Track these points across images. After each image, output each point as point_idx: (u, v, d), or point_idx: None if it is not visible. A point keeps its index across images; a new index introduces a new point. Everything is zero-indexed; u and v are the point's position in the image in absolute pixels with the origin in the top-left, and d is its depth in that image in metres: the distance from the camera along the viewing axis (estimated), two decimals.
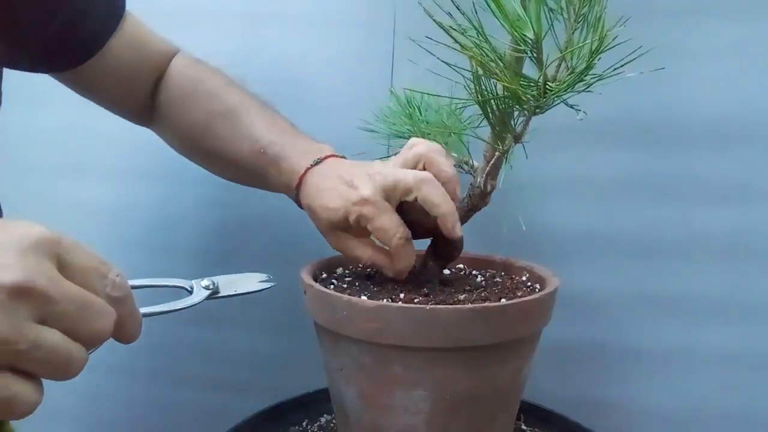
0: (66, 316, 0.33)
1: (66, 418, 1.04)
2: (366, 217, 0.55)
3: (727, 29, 0.72)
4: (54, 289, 0.33)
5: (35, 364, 0.33)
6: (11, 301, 0.31)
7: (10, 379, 0.33)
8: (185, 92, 0.70)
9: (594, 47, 0.42)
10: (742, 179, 0.74)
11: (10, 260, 0.32)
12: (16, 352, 0.32)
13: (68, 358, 0.34)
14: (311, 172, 0.60)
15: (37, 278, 0.32)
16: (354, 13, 0.83)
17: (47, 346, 0.33)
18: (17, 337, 0.32)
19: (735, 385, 0.77)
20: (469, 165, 0.64)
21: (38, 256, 0.33)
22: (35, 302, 0.32)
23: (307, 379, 0.73)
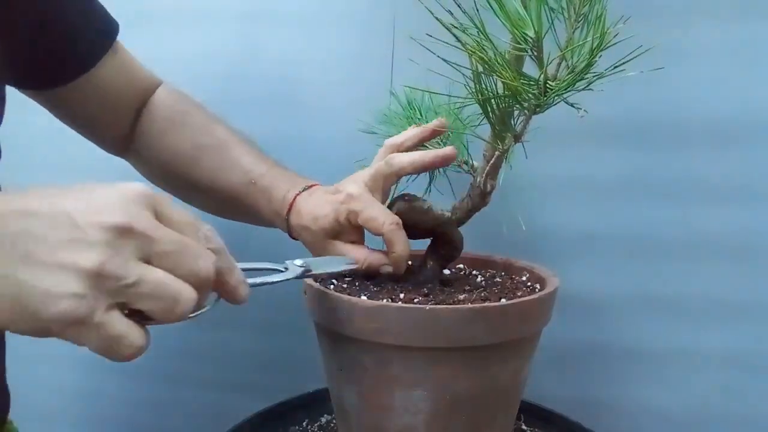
0: (167, 255, 0.36)
1: (66, 418, 1.04)
2: (354, 211, 0.57)
3: (727, 29, 0.72)
4: (154, 231, 0.36)
5: (144, 299, 0.35)
6: (117, 240, 0.34)
7: (118, 317, 0.35)
8: (172, 123, 0.70)
9: (594, 45, 0.42)
10: (742, 179, 0.73)
11: (114, 206, 0.35)
12: (125, 287, 0.34)
13: (175, 294, 0.36)
14: (301, 196, 0.63)
15: (138, 220, 0.35)
16: (354, 13, 0.83)
17: (153, 280, 0.35)
18: (125, 272, 0.34)
19: (735, 386, 0.77)
20: (468, 165, 0.63)
21: (138, 205, 0.36)
22: (138, 242, 0.35)
23: (307, 379, 0.73)
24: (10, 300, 0.34)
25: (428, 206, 0.59)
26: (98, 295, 0.34)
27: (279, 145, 0.88)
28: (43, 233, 0.34)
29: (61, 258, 0.34)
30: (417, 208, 0.59)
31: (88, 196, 0.36)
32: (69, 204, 0.35)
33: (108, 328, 0.35)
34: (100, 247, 0.34)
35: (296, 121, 0.87)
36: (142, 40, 0.90)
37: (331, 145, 0.84)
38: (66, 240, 0.34)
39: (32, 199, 0.36)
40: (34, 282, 0.34)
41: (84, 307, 0.34)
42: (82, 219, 0.35)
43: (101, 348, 0.36)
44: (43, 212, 0.35)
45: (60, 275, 0.34)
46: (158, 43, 0.90)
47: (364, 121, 0.69)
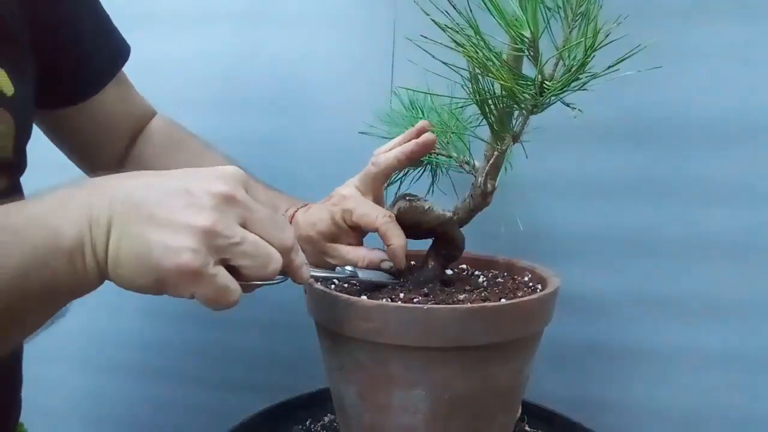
0: (260, 222, 0.42)
1: (70, 416, 1.05)
2: (348, 210, 0.59)
3: (726, 29, 0.72)
4: (251, 201, 0.42)
5: (243, 257, 0.41)
6: (223, 205, 0.40)
7: (224, 271, 0.41)
8: (169, 149, 0.73)
9: (589, 44, 0.42)
10: (742, 179, 0.73)
11: (218, 179, 0.41)
12: (231, 245, 0.40)
13: (268, 255, 0.42)
14: (299, 211, 0.65)
15: (239, 191, 0.42)
16: (354, 13, 0.84)
17: (252, 241, 0.41)
18: (232, 232, 0.40)
19: (736, 385, 0.76)
20: (470, 165, 0.64)
21: (236, 181, 0.42)
22: (238, 208, 0.41)
23: (310, 378, 0.73)
24: (136, 255, 0.39)
25: (429, 206, 0.59)
26: (210, 250, 0.40)
27: (280, 145, 0.89)
28: (163, 199, 0.40)
29: (180, 218, 0.39)
30: (418, 208, 0.59)
31: (195, 172, 0.43)
32: (182, 178, 0.42)
33: (218, 279, 0.40)
34: (211, 210, 0.40)
35: (297, 121, 0.88)
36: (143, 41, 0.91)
37: (331, 145, 0.85)
38: (183, 204, 0.40)
39: (145, 178, 0.42)
40: (157, 238, 0.39)
41: (199, 259, 0.39)
42: (195, 187, 0.41)
43: (210, 296, 0.41)
44: (162, 185, 0.41)
45: (179, 233, 0.39)
46: (159, 44, 0.91)
47: (365, 122, 0.70)
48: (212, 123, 0.90)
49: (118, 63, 0.69)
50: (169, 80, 0.92)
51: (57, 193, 0.41)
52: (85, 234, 0.39)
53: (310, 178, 0.72)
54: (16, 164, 0.57)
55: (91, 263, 0.40)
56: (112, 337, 0.99)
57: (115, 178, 0.43)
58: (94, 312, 0.95)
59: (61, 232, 0.39)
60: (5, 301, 0.39)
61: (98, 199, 0.40)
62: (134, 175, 0.43)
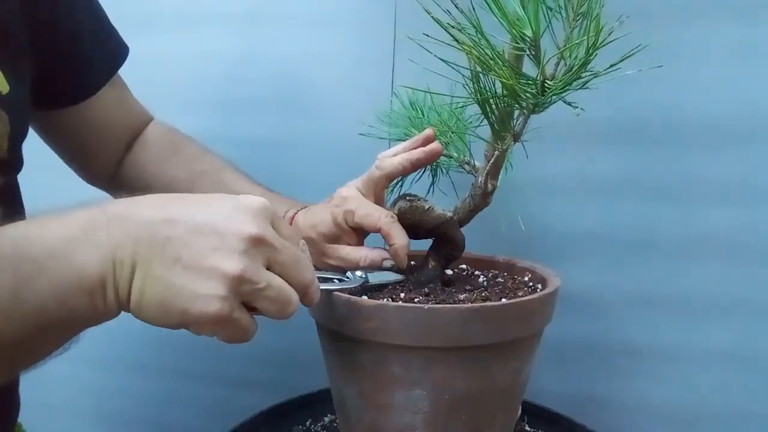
0: (284, 264, 0.42)
1: (72, 413, 1.05)
2: (350, 210, 0.59)
3: (727, 29, 0.72)
4: (278, 242, 0.41)
5: (266, 301, 0.41)
6: (251, 249, 0.39)
7: (245, 313, 0.41)
8: (167, 153, 0.72)
9: (591, 43, 0.42)
10: (742, 179, 0.73)
11: (248, 218, 0.40)
12: (256, 290, 0.40)
13: (288, 298, 0.42)
14: (299, 213, 0.65)
15: (267, 232, 0.41)
16: (354, 13, 0.84)
17: (276, 286, 0.41)
18: (258, 277, 0.40)
19: (735, 383, 0.76)
20: (470, 165, 0.63)
21: (263, 218, 0.41)
22: (266, 251, 0.40)
23: (312, 377, 0.73)
24: (161, 299, 0.39)
25: (430, 206, 0.59)
26: (236, 296, 0.39)
27: (280, 145, 0.89)
28: (189, 240, 0.39)
29: (208, 263, 0.38)
30: (419, 208, 0.59)
31: (223, 206, 0.41)
32: (208, 214, 0.40)
33: (241, 322, 0.41)
34: (240, 255, 0.39)
35: (298, 121, 0.88)
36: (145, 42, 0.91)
37: (333, 145, 0.85)
38: (211, 247, 0.39)
39: (170, 208, 0.40)
40: (184, 284, 0.38)
41: (227, 307, 0.39)
42: (224, 228, 0.39)
43: (230, 338, 0.42)
44: (188, 221, 0.39)
45: (208, 280, 0.38)
46: (160, 45, 0.91)
47: (365, 122, 0.70)
48: (213, 123, 0.90)
49: (114, 65, 0.68)
50: (170, 80, 0.92)
51: (74, 219, 0.39)
52: (108, 274, 0.38)
53: (311, 177, 0.72)
54: (10, 163, 0.57)
55: (112, 301, 0.39)
56: (115, 334, 0.99)
57: (138, 205, 0.41)
58: None
59: (83, 270, 0.38)
60: (21, 333, 0.38)
61: (122, 236, 0.39)
62: (159, 203, 0.41)
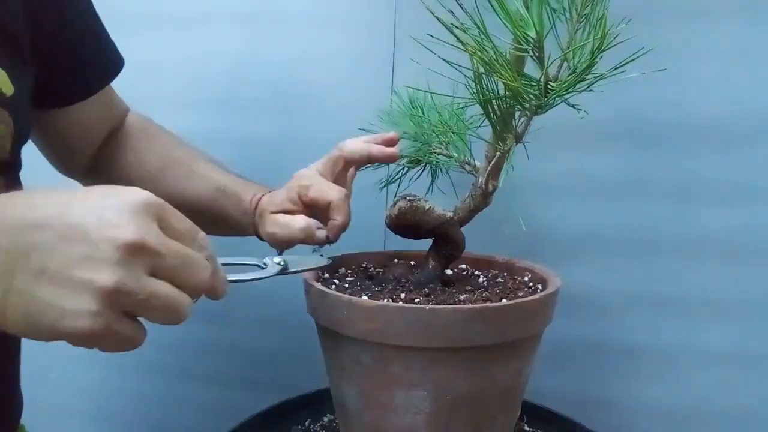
0: (172, 269, 0.37)
1: (73, 413, 1.05)
2: (305, 186, 0.60)
3: (727, 30, 0.72)
4: (162, 246, 0.37)
5: (151, 311, 0.37)
6: (129, 257, 0.35)
7: (128, 323, 0.37)
8: (141, 142, 0.72)
9: (596, 46, 0.42)
10: (742, 179, 0.73)
11: (124, 220, 0.35)
12: (137, 302, 0.36)
13: (178, 305, 0.38)
14: (265, 196, 0.65)
15: (147, 236, 0.36)
16: (355, 13, 0.84)
17: (162, 295, 0.37)
18: (139, 288, 0.36)
19: (734, 383, 0.77)
20: (471, 165, 0.63)
21: (147, 217, 0.37)
22: (147, 257, 0.36)
23: (312, 377, 0.73)
24: (24, 313, 0.35)
25: (430, 206, 0.59)
26: (112, 310, 0.36)
27: (281, 145, 0.88)
28: (56, 248, 0.35)
29: (77, 275, 0.34)
30: (419, 208, 0.59)
31: (98, 206, 0.36)
32: (80, 216, 0.35)
33: (121, 335, 0.37)
34: (115, 265, 0.35)
35: (298, 121, 0.87)
36: (145, 42, 0.91)
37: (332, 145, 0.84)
38: (80, 256, 0.34)
39: (41, 209, 0.36)
40: (50, 299, 0.35)
41: (100, 322, 0.35)
42: (96, 234, 0.35)
43: (112, 349, 0.38)
44: (55, 225, 0.35)
45: (77, 294, 0.34)
46: (161, 45, 0.91)
47: (366, 121, 0.70)
48: (214, 123, 0.90)
49: (111, 74, 0.68)
50: (171, 81, 0.91)
51: None
52: None
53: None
54: (12, 164, 0.57)
55: None
56: None
57: (7, 204, 0.36)
58: None
59: None
60: None
61: None
62: (29, 203, 0.36)
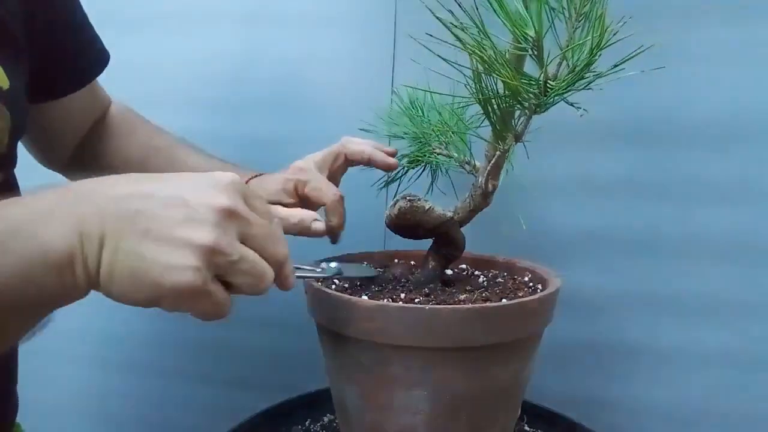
0: (258, 238, 0.40)
1: (72, 413, 1.05)
2: (302, 181, 0.62)
3: (727, 30, 0.72)
4: (250, 215, 0.40)
5: (240, 275, 0.40)
6: (224, 221, 0.38)
7: (220, 287, 0.40)
8: (124, 132, 0.73)
9: (594, 44, 0.42)
10: (742, 179, 0.73)
11: (218, 191, 0.39)
12: (229, 263, 0.39)
13: (263, 272, 0.41)
14: (252, 180, 0.66)
15: (239, 205, 0.40)
16: (355, 13, 0.84)
17: (250, 259, 0.40)
18: (232, 249, 0.39)
19: (734, 383, 0.77)
20: (470, 165, 0.63)
21: (235, 190, 0.40)
22: (238, 224, 0.39)
23: (312, 377, 0.73)
24: (131, 272, 0.37)
25: (430, 206, 0.59)
26: (209, 268, 0.38)
27: (281, 145, 0.88)
28: (160, 212, 0.38)
29: (179, 234, 0.37)
30: (419, 208, 0.58)
31: (193, 181, 0.40)
32: (179, 188, 0.39)
33: (215, 296, 0.39)
34: (212, 226, 0.38)
35: (298, 120, 0.87)
36: (145, 42, 0.91)
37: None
38: (181, 218, 0.38)
39: (144, 184, 0.39)
40: (155, 255, 0.37)
41: (200, 278, 0.37)
42: (194, 200, 0.38)
43: (204, 313, 0.40)
44: (158, 194, 0.38)
45: (179, 250, 0.37)
46: (162, 46, 0.91)
47: (366, 121, 0.70)
48: (214, 123, 0.90)
49: (100, 65, 0.69)
50: (171, 81, 0.92)
51: (41, 198, 0.39)
52: (76, 248, 0.37)
53: None
54: (9, 158, 0.57)
55: (82, 277, 0.38)
56: (114, 335, 0.99)
57: (104, 183, 0.40)
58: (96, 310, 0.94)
59: (49, 245, 0.37)
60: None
61: (89, 210, 0.38)
62: (125, 180, 0.40)
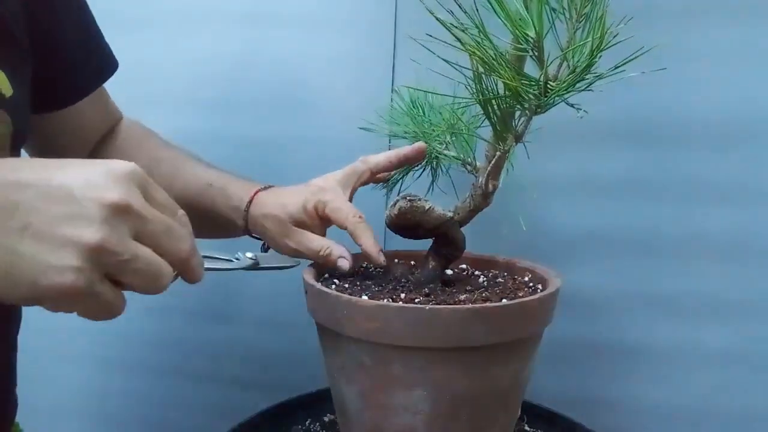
0: (155, 234, 0.38)
1: (72, 413, 1.05)
2: (323, 201, 0.60)
3: (727, 30, 0.72)
4: (146, 210, 0.37)
5: (133, 274, 0.37)
6: (114, 218, 0.35)
7: (109, 287, 0.37)
8: (131, 143, 0.72)
9: (595, 45, 0.42)
10: (741, 179, 0.73)
11: (110, 183, 0.36)
12: (120, 263, 0.36)
13: (159, 271, 0.38)
14: (261, 192, 0.65)
15: (133, 199, 0.36)
16: (355, 13, 0.84)
17: (144, 258, 0.37)
18: (123, 248, 0.36)
19: (734, 383, 0.77)
20: (471, 165, 0.63)
21: (132, 183, 0.37)
22: (132, 220, 0.36)
23: (312, 377, 0.73)
24: (5, 270, 0.35)
25: (430, 206, 0.59)
26: (96, 268, 0.35)
27: (282, 146, 0.88)
28: (41, 206, 0.35)
29: (62, 232, 0.34)
30: (419, 208, 0.58)
31: (83, 171, 0.36)
32: (65, 178, 0.36)
33: (102, 297, 0.36)
34: (100, 224, 0.35)
35: (299, 121, 0.87)
36: (146, 43, 0.91)
37: (334, 146, 0.85)
38: (65, 214, 0.35)
39: (26, 172, 0.36)
40: (34, 254, 0.34)
41: (83, 279, 0.35)
42: (81, 194, 0.35)
43: (90, 314, 0.37)
44: (39, 184, 0.35)
45: (61, 249, 0.34)
46: (163, 46, 0.91)
47: (366, 121, 0.70)
48: (213, 123, 0.90)
49: (103, 75, 0.68)
50: (171, 81, 0.92)
51: None
52: None
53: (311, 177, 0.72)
54: None
55: None
56: (114, 334, 0.99)
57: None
58: None
59: None
60: None
61: None
62: (12, 165, 0.37)
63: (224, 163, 0.71)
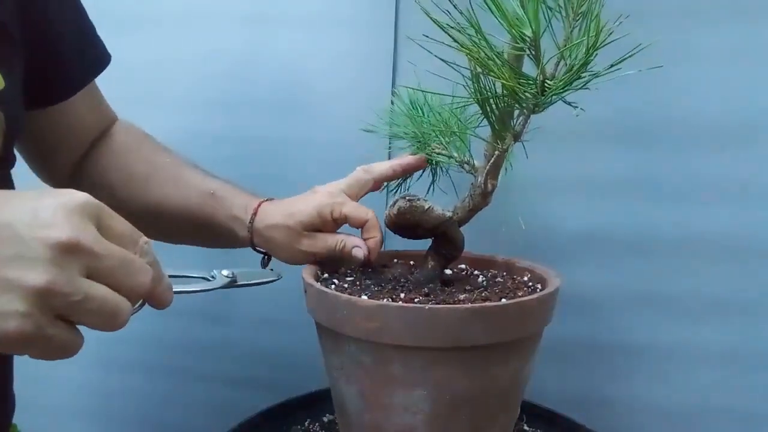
0: (110, 271, 0.36)
1: (71, 413, 1.05)
2: (339, 203, 0.62)
3: (726, 29, 0.72)
4: (98, 246, 0.36)
5: (87, 314, 0.35)
6: (62, 257, 0.34)
7: (62, 328, 0.35)
8: (128, 148, 0.71)
9: (591, 43, 0.42)
10: (741, 179, 0.73)
11: (58, 220, 0.34)
12: (71, 304, 0.34)
13: (115, 309, 0.36)
14: (265, 203, 0.64)
15: (83, 236, 0.35)
16: (355, 14, 0.84)
17: (98, 298, 0.35)
18: (73, 289, 0.34)
19: (734, 383, 0.77)
20: (470, 165, 0.63)
21: (83, 217, 0.35)
22: (83, 258, 0.35)
23: (312, 377, 0.73)
24: None
25: (429, 206, 0.59)
26: (44, 312, 0.34)
27: (281, 145, 0.89)
28: None
29: (6, 275, 0.33)
30: (418, 208, 0.59)
31: (31, 206, 0.35)
32: (11, 215, 0.34)
33: (54, 340, 0.35)
34: (46, 265, 0.33)
35: (299, 122, 0.88)
36: (147, 42, 0.91)
37: (334, 146, 0.85)
38: (10, 256, 0.33)
39: None
40: None
41: (30, 324, 0.33)
42: (27, 233, 0.34)
43: (44, 356, 0.36)
44: None
45: (6, 294, 0.33)
46: (163, 46, 0.91)
47: (366, 122, 0.70)
48: (214, 123, 0.90)
49: (94, 71, 0.68)
50: (171, 81, 0.92)
51: None
52: None
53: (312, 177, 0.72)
54: (5, 159, 0.57)
55: None
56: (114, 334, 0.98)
57: None
58: None
59: None
60: None
61: None
62: None
63: (225, 163, 0.71)
